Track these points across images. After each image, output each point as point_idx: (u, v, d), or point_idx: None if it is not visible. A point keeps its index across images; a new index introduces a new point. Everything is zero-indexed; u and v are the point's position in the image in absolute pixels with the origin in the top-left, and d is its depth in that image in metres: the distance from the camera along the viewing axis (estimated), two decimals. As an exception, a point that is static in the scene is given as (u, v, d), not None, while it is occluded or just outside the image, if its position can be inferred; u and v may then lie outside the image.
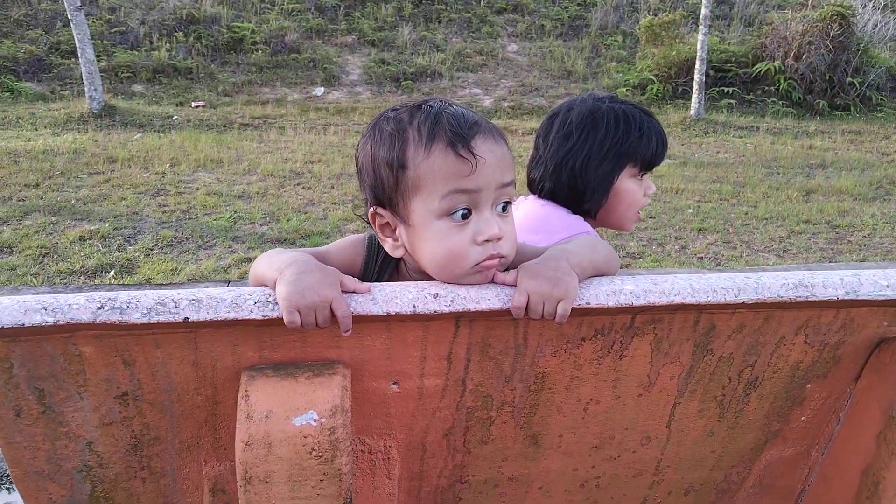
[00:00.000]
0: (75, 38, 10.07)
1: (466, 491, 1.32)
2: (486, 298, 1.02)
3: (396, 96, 12.57)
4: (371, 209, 1.14)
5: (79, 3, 9.80)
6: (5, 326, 0.92)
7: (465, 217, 1.05)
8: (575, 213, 1.63)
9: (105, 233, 5.66)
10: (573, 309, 1.06)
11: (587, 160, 1.58)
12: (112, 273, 4.94)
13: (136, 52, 12.76)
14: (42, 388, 1.05)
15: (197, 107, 11.61)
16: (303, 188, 7.25)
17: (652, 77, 12.61)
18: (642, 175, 1.63)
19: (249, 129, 10.55)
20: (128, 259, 5.20)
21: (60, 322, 0.94)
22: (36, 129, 9.65)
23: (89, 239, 5.52)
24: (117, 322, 0.95)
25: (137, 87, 12.21)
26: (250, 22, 13.83)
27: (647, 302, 1.04)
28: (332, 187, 7.17)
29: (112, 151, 8.50)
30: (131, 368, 1.05)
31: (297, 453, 0.98)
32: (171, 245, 5.55)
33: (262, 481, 0.99)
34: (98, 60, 11.74)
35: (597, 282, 1.07)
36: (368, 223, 1.18)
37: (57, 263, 5.00)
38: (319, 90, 12.49)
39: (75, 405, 1.08)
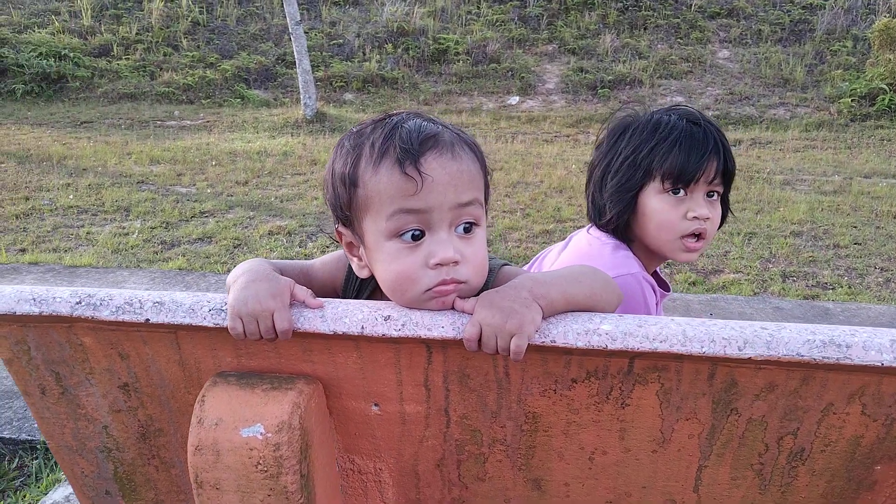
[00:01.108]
0: (294, 50, 11.05)
1: (469, 527, 1.24)
2: (439, 325, 0.95)
3: (591, 104, 12.34)
4: (336, 227, 1.10)
5: (298, 18, 10.75)
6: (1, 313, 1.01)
7: (416, 238, 0.98)
8: (625, 239, 1.48)
9: (291, 229, 6.13)
10: (553, 347, 0.95)
11: (605, 172, 1.45)
12: (290, 267, 5.34)
13: (350, 63, 13.73)
14: (58, 372, 1.15)
15: (398, 114, 12.23)
16: (479, 195, 7.35)
17: (884, 87, 11.17)
18: (679, 192, 1.41)
19: (443, 136, 10.92)
20: (305, 255, 5.59)
21: (45, 313, 1.02)
22: (256, 133, 10.71)
23: (277, 234, 6.01)
24: (90, 317, 1.01)
25: (348, 96, 13.12)
26: (455, 33, 14.30)
27: (626, 346, 0.91)
28: (507, 195, 7.18)
29: (316, 155, 9.20)
30: (127, 361, 1.11)
31: (244, 465, 0.98)
32: (346, 244, 5.88)
33: (213, 487, 1.00)
34: (316, 70, 12.83)
35: (570, 318, 0.94)
36: (337, 242, 1.14)
37: (245, 255, 5.50)
38: (514, 99, 12.60)
39: (87, 390, 1.17)
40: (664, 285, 1.57)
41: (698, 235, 1.44)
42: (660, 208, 1.41)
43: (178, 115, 11.74)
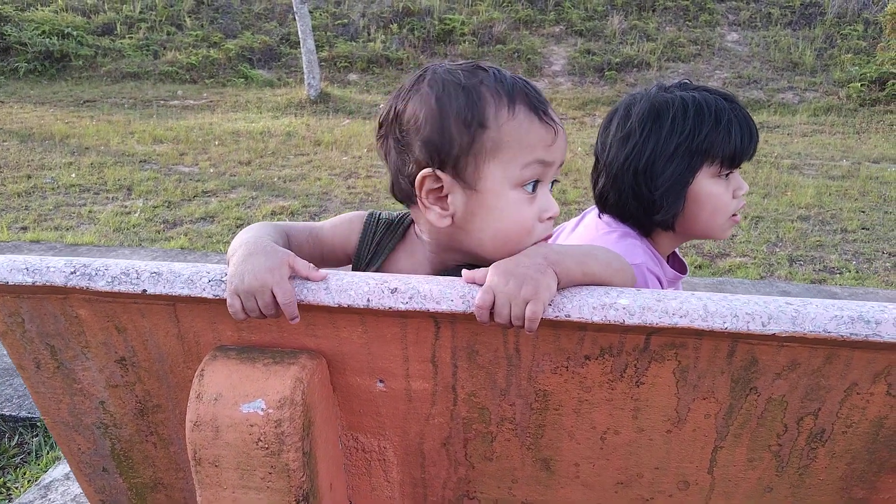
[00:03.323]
0: (299, 30, 10.95)
1: (475, 508, 1.21)
2: (448, 298, 0.91)
3: (598, 87, 12.22)
4: (424, 171, 0.99)
5: (303, -3, 10.65)
6: (-8, 283, 0.98)
7: (533, 190, 0.99)
8: (647, 227, 1.42)
9: (294, 209, 6.09)
10: (567, 322, 0.91)
11: (651, 162, 1.33)
12: (293, 247, 5.31)
13: (355, 44, 13.61)
14: (53, 345, 1.11)
15: (403, 95, 12.12)
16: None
17: (895, 71, 11.04)
18: (727, 174, 1.37)
19: (447, 117, 10.84)
20: (308, 235, 5.55)
21: (38, 283, 0.98)
22: (260, 113, 10.64)
23: (279, 214, 5.96)
24: (84, 287, 0.97)
25: (353, 77, 13.02)
26: (461, 14, 14.16)
27: (644, 321, 0.87)
28: (512, 178, 7.10)
29: (319, 135, 9.14)
30: (124, 335, 1.07)
31: (244, 441, 0.94)
32: (350, 225, 5.83)
33: (212, 464, 0.96)
34: (320, 50, 12.73)
35: (586, 291, 0.90)
36: (405, 190, 1.05)
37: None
38: (520, 81, 12.49)
39: (83, 364, 1.13)
40: (681, 267, 1.53)
41: None
42: (716, 192, 1.36)
43: (182, 94, 11.66)
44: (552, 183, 1.05)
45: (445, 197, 1.01)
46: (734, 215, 1.41)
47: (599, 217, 1.49)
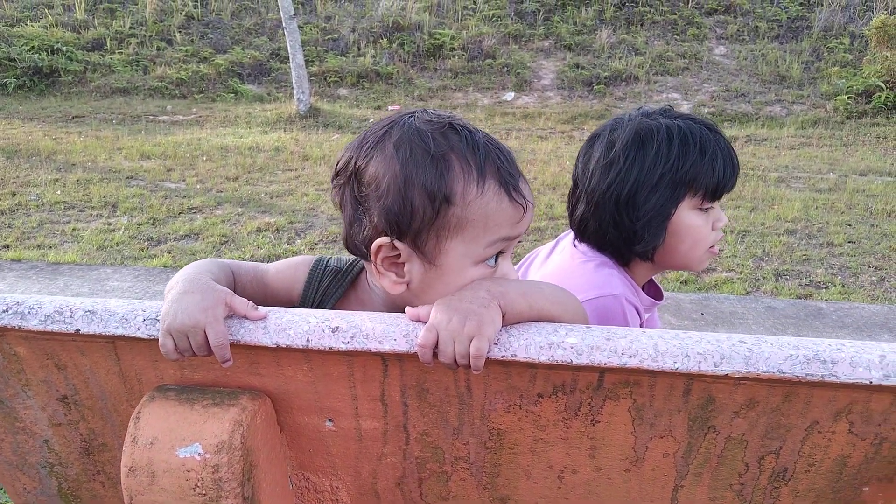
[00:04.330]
0: (288, 45, 10.95)
1: (434, 548, 1.17)
2: (391, 338, 0.88)
3: (587, 101, 12.25)
4: (382, 239, 0.94)
5: (292, 13, 10.65)
6: (-81, 322, 0.94)
7: (494, 262, 0.96)
8: (625, 257, 1.38)
9: (280, 226, 6.05)
10: (516, 362, 0.88)
11: (634, 191, 1.29)
12: (278, 264, 5.26)
13: (345, 58, 13.61)
14: (-8, 383, 1.07)
15: (392, 110, 12.14)
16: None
17: (881, 84, 11.09)
18: (708, 207, 1.33)
19: (437, 132, 10.83)
20: (293, 252, 5.51)
21: (-33, 322, 0.94)
22: (249, 128, 10.61)
23: (265, 231, 5.92)
24: (17, 327, 0.93)
25: (342, 91, 13.01)
26: (450, 28, 14.19)
27: (592, 362, 0.83)
28: (500, 193, 7.09)
29: (308, 150, 9.10)
30: (64, 373, 1.04)
31: (181, 487, 0.90)
32: (335, 241, 5.80)
33: (149, 511, 0.93)
34: (310, 65, 12.73)
35: (534, 330, 0.87)
36: (359, 248, 1.00)
37: (232, 252, 5.41)
38: (509, 95, 12.51)
39: (24, 402, 1.09)
40: (658, 294, 1.49)
41: None
42: (697, 224, 1.32)
43: (171, 109, 11.63)
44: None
45: (402, 264, 0.97)
46: (712, 247, 1.38)
47: (575, 245, 1.45)
